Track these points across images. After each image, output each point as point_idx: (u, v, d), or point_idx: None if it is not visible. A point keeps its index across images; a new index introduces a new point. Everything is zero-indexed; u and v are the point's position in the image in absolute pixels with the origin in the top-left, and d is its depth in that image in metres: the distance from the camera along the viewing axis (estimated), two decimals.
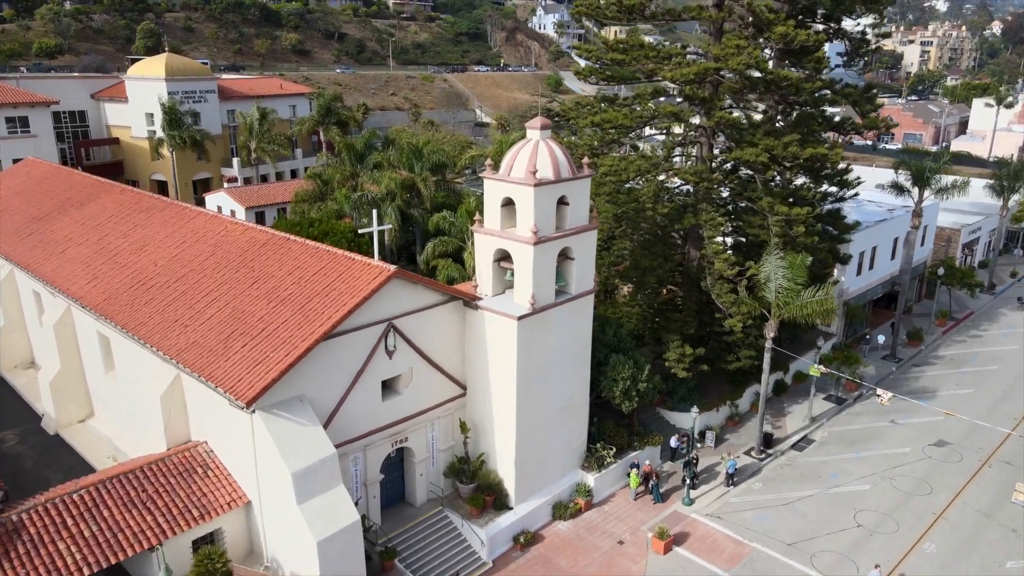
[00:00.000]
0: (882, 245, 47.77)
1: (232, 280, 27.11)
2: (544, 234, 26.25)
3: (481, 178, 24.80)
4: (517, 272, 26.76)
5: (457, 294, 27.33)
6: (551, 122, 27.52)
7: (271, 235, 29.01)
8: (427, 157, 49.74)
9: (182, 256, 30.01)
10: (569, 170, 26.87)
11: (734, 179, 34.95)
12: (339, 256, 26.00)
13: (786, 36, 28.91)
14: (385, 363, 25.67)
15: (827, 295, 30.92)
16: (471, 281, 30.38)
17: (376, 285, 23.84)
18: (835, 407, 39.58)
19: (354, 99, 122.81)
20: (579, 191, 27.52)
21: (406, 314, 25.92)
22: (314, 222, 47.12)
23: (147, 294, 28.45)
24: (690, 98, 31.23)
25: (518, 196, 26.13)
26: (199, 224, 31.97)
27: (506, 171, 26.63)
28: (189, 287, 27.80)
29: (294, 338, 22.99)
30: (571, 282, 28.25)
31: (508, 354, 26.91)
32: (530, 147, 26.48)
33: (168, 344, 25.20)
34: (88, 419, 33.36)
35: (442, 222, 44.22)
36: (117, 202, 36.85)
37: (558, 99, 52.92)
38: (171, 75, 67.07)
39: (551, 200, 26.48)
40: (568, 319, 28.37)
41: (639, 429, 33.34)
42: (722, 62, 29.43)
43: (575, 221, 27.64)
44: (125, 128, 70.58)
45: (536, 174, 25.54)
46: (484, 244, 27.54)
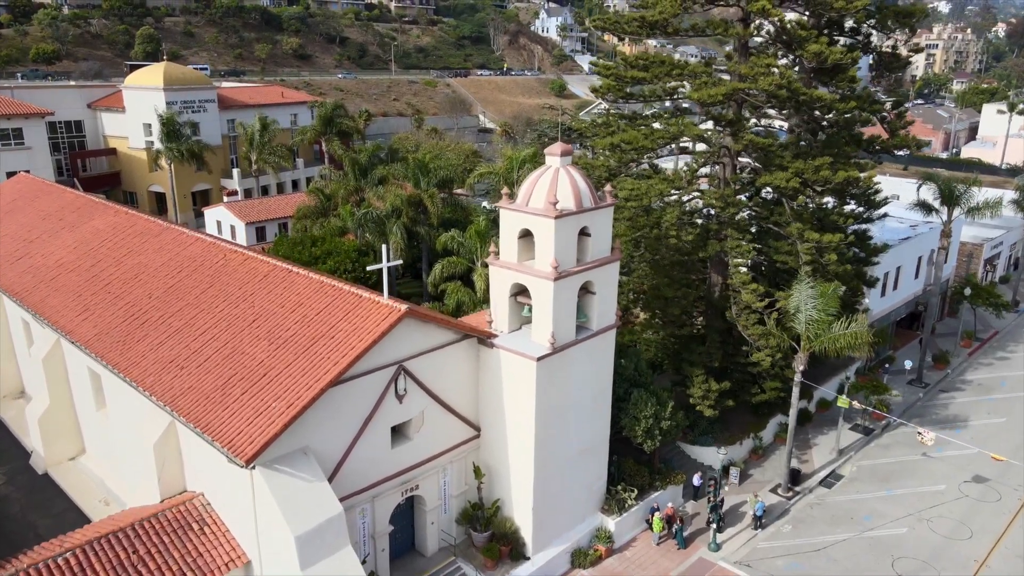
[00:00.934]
0: (906, 264, 46.03)
1: (231, 317, 25.36)
2: (565, 268, 24.52)
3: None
4: (536, 308, 25.02)
5: (471, 332, 25.59)
6: (570, 147, 25.68)
7: (272, 266, 27.24)
8: (434, 172, 48.01)
9: (178, 287, 28.26)
10: (591, 199, 25.14)
11: (758, 201, 33.19)
12: (345, 292, 24.26)
13: (820, 55, 27.18)
14: (395, 408, 23.94)
15: (861, 327, 29.14)
16: (484, 311, 28.72)
17: (386, 327, 22.11)
18: (863, 438, 37.82)
19: (356, 105, 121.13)
20: (601, 221, 25.78)
21: (417, 355, 24.20)
22: (317, 240, 45.40)
23: (141, 330, 26.70)
24: (717, 119, 29.46)
25: (537, 228, 24.39)
26: (196, 252, 30.22)
27: (524, 201, 24.89)
28: (185, 323, 26.05)
29: (297, 386, 21.24)
30: (592, 317, 26.51)
31: (526, 396, 25.17)
32: (550, 175, 24.74)
33: (162, 388, 23.45)
34: (79, 456, 31.63)
35: (450, 242, 42.55)
36: (111, 224, 35.09)
37: (569, 111, 51.10)
38: (169, 84, 65.40)
39: (572, 232, 24.75)
40: (589, 357, 26.63)
41: (660, 467, 31.56)
42: (751, 82, 27.67)
43: (597, 253, 25.91)
44: (122, 139, 68.92)
45: (557, 205, 23.80)
46: (500, 278, 25.80)
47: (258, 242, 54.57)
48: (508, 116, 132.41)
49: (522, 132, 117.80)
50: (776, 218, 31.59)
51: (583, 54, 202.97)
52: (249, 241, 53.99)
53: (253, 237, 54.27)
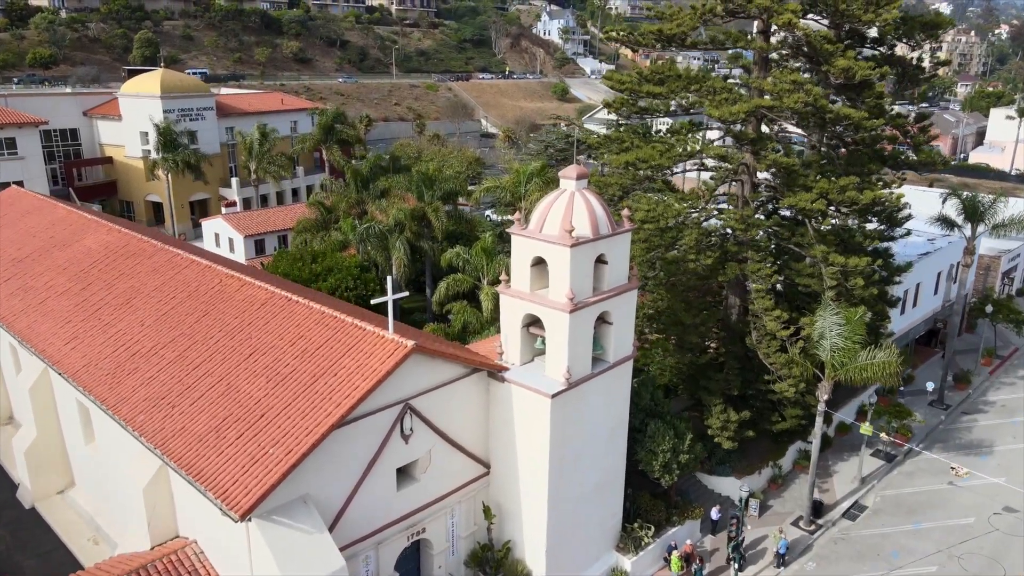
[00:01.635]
0: (926, 280, 44.60)
1: (227, 349, 23.93)
2: (581, 298, 23.10)
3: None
4: (550, 341, 23.59)
5: (482, 366, 24.15)
6: (586, 170, 24.24)
7: (270, 294, 25.80)
8: (438, 185, 46.62)
9: (171, 315, 26.83)
10: (608, 225, 23.72)
11: (778, 220, 31.74)
12: (348, 325, 22.82)
13: (848, 71, 25.74)
14: (401, 448, 22.50)
15: (890, 356, 27.70)
16: (493, 338, 27.39)
17: (391, 366, 20.68)
18: (885, 465, 36.37)
19: (356, 109, 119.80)
20: (619, 247, 24.37)
21: (424, 392, 22.77)
22: (317, 256, 43.94)
23: (131, 362, 25.27)
24: (738, 138, 28.03)
25: (552, 256, 22.97)
26: (191, 276, 28.79)
27: (537, 227, 23.46)
28: (178, 355, 24.62)
29: (297, 430, 19.81)
30: (608, 348, 25.08)
31: (539, 433, 23.73)
32: (565, 200, 23.32)
33: (153, 428, 22.01)
34: (68, 490, 30.21)
35: (455, 259, 41.14)
36: (103, 244, 33.67)
37: (576, 122, 49.70)
38: (166, 92, 64.02)
39: (588, 260, 23.33)
40: (605, 390, 25.20)
41: (677, 500, 30.13)
42: (776, 99, 26.23)
43: (614, 281, 24.49)
44: (119, 147, 67.54)
45: (572, 232, 22.37)
46: (512, 308, 24.38)
47: (257, 255, 53.16)
48: (510, 120, 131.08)
49: (525, 137, 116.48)
50: (798, 239, 30.15)
51: (585, 57, 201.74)
52: (248, 255, 52.58)
53: (252, 250, 52.85)
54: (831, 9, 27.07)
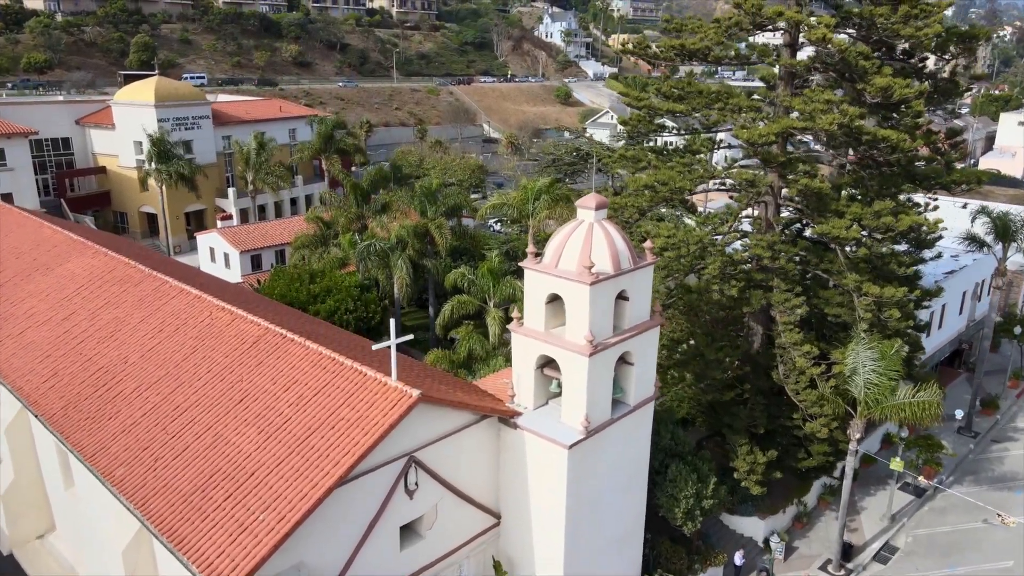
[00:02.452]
0: (951, 300, 42.67)
1: (215, 393, 22.03)
2: (601, 339, 21.21)
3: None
4: (566, 385, 21.68)
5: (493, 412, 22.25)
6: (605, 199, 22.32)
7: (263, 330, 23.89)
8: (442, 200, 44.78)
9: (157, 351, 24.94)
10: (630, 259, 21.82)
11: (805, 245, 29.82)
12: (346, 369, 20.93)
13: (888, 90, 23.82)
14: (404, 504, 20.60)
15: (933, 396, 25.80)
16: (503, 373, 25.57)
17: (395, 419, 18.78)
18: (915, 500, 34.45)
19: (357, 114, 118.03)
20: (641, 282, 22.47)
21: (430, 443, 20.87)
22: (316, 275, 42.06)
23: (113, 404, 23.38)
24: (766, 160, 26.13)
25: (569, 294, 21.07)
26: (179, 307, 26.89)
27: (553, 261, 21.56)
28: (163, 399, 22.73)
29: (290, 492, 17.92)
30: (629, 391, 23.18)
31: (555, 484, 21.83)
32: (583, 232, 21.41)
33: (133, 484, 20.12)
34: (48, 534, 28.32)
35: (460, 280, 39.28)
36: (88, 269, 31.78)
37: (583, 135, 47.75)
38: (161, 101, 62.12)
39: (609, 298, 21.43)
40: (625, 435, 23.30)
41: (699, 545, 28.22)
42: (808, 120, 24.31)
43: (636, 318, 22.59)
44: (112, 157, 65.66)
45: (592, 269, 20.47)
46: (525, 348, 22.47)
47: (254, 271, 51.27)
48: (513, 125, 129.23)
49: (528, 143, 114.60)
50: (826, 265, 28.25)
51: (587, 59, 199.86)
52: (244, 271, 50.68)
53: (248, 266, 50.95)
54: (866, 23, 25.17)
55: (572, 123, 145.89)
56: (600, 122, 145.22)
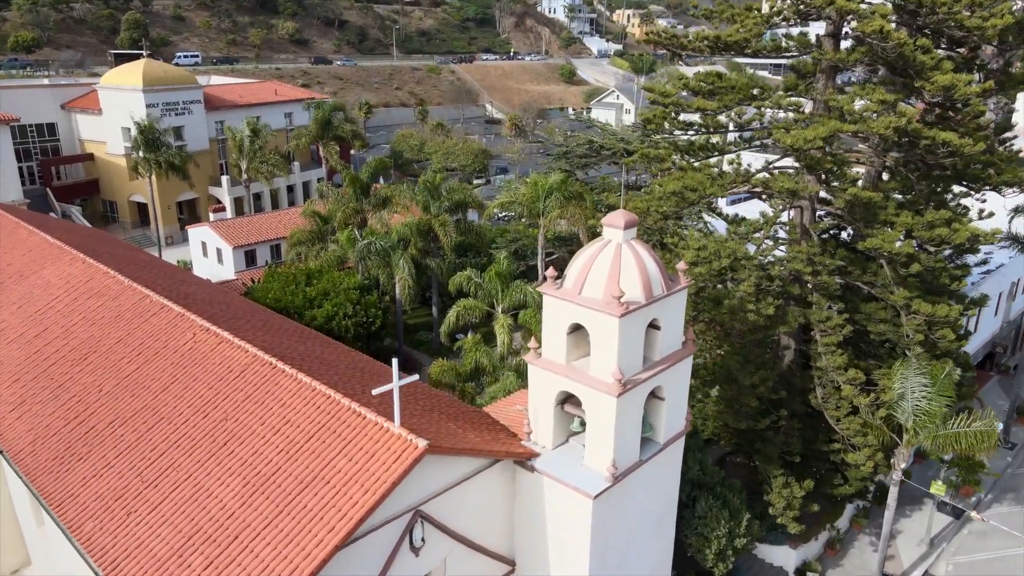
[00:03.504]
0: (988, 302, 40.17)
1: (197, 433, 19.69)
2: (631, 375, 18.80)
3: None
4: (591, 426, 19.30)
5: (509, 456, 19.90)
6: (635, 217, 19.76)
7: (252, 357, 21.48)
8: (446, 195, 42.20)
9: (135, 379, 22.57)
10: (662, 284, 19.32)
11: (846, 255, 27.26)
12: (343, 409, 18.56)
13: (950, 88, 21.15)
14: (410, 563, 18.31)
15: (989, 425, 23.44)
16: (517, 397, 23.29)
17: (398, 475, 16.44)
18: (953, 522, 32.26)
19: (356, 95, 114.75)
20: (674, 308, 20.00)
21: (438, 494, 18.55)
22: (312, 275, 39.59)
23: (84, 441, 21.06)
24: (811, 167, 23.49)
25: (595, 325, 18.61)
26: (160, 326, 24.48)
27: (575, 286, 19.06)
28: (140, 437, 20.40)
29: (278, 562, 15.63)
30: (660, 427, 20.82)
31: (578, 535, 19.54)
32: (610, 255, 18.89)
33: (103, 543, 17.85)
34: (23, 569, 26.20)
35: (466, 283, 36.83)
36: (64, 278, 29.32)
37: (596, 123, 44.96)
38: (149, 85, 59.18)
39: (640, 329, 18.98)
40: (655, 476, 21.00)
41: None
42: (859, 122, 21.65)
43: (667, 348, 20.16)
44: (100, 143, 62.86)
45: (622, 298, 17.99)
46: (543, 383, 20.05)
47: (248, 267, 48.82)
48: (517, 106, 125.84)
49: (532, 124, 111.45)
50: (870, 278, 25.73)
51: (591, 36, 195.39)
52: (237, 267, 48.21)
53: (242, 262, 48.48)
54: (926, 13, 22.40)
55: (576, 102, 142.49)
56: (605, 102, 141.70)
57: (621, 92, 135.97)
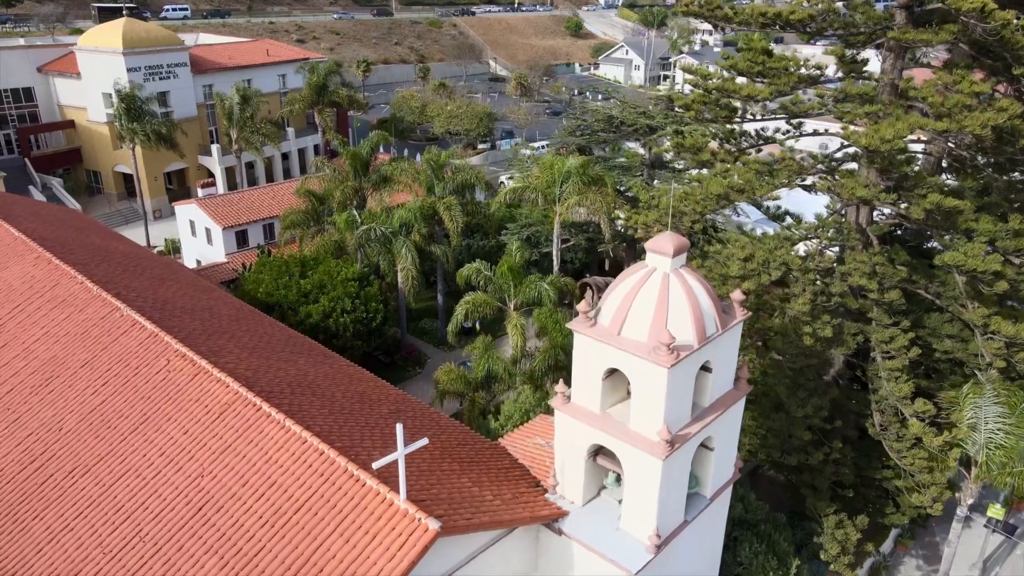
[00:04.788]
0: None
1: (168, 492, 16.86)
2: (678, 429, 15.88)
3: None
4: (630, 488, 16.44)
5: (532, 521, 17.08)
6: (686, 241, 16.48)
7: (234, 395, 18.54)
8: (450, 177, 38.78)
9: (100, 415, 19.67)
10: (716, 320, 16.24)
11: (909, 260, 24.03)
12: (339, 471, 15.71)
13: None
14: None
15: None
16: (540, 425, 20.56)
17: (405, 568, 13.63)
18: (1006, 542, 29.74)
19: (353, 51, 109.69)
20: (728, 347, 16.96)
21: (452, 572, 15.81)
22: (307, 264, 36.46)
23: (40, 494, 18.25)
24: (885, 170, 20.11)
25: (638, 375, 15.58)
26: (131, 347, 21.48)
27: (614, 324, 15.96)
28: (104, 492, 17.58)
29: None
30: (707, 480, 17.99)
31: None
32: (655, 289, 15.74)
33: None
34: None
35: (475, 276, 33.70)
36: (27, 280, 26.22)
37: (613, 95, 41.12)
38: (130, 47, 54.99)
39: (690, 376, 15.97)
40: (699, 533, 18.23)
41: None
42: (950, 120, 18.21)
43: (719, 389, 17.22)
44: (81, 110, 58.93)
45: (672, 344, 14.91)
46: (573, 434, 17.14)
47: (240, 249, 45.62)
48: (521, 62, 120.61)
49: (538, 82, 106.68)
50: (938, 288, 22.60)
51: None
52: (228, 248, 45.01)
53: (233, 244, 45.26)
54: None
55: (584, 58, 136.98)
56: (614, 57, 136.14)
57: (630, 47, 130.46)
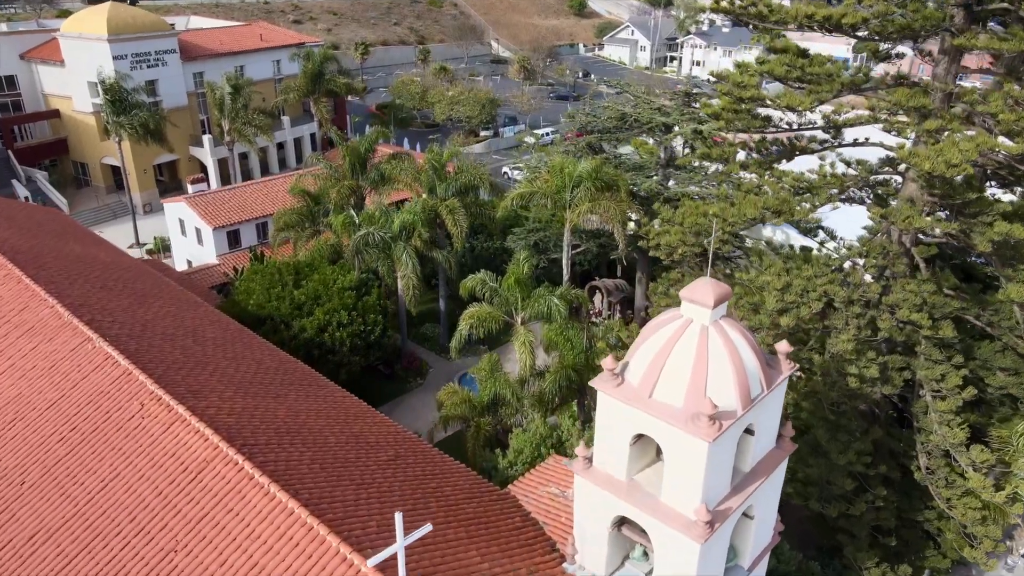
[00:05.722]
0: None
1: (138, 569, 14.93)
2: (717, 502, 13.89)
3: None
4: (661, 570, 14.45)
5: None
6: (728, 289, 14.31)
7: (213, 451, 16.57)
8: (453, 177, 36.58)
9: (68, 469, 17.75)
10: (761, 379, 14.16)
11: (957, 283, 21.92)
12: (330, 551, 13.76)
13: None
14: None
15: None
16: (554, 469, 18.68)
17: None
18: None
19: (352, 33, 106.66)
20: (772, 405, 14.90)
21: None
22: (301, 270, 34.37)
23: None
24: (947, 195, 17.91)
25: (673, 446, 13.55)
26: (103, 387, 19.50)
27: (645, 385, 13.89)
28: (67, 564, 15.68)
29: None
30: (746, 551, 16.00)
31: None
32: (692, 346, 13.65)
33: None
34: None
35: (479, 288, 31.63)
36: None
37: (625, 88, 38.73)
38: (115, 33, 52.33)
39: (732, 445, 13.93)
40: None
41: None
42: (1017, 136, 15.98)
43: (761, 451, 15.19)
44: (66, 99, 56.42)
45: (713, 414, 12.86)
46: (596, 503, 15.13)
47: (232, 249, 43.50)
48: (524, 43, 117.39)
49: (542, 65, 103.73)
50: (991, 317, 20.51)
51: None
52: (219, 249, 42.91)
53: (224, 244, 43.14)
54: None
55: (588, 38, 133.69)
56: (619, 38, 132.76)
57: (636, 27, 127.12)
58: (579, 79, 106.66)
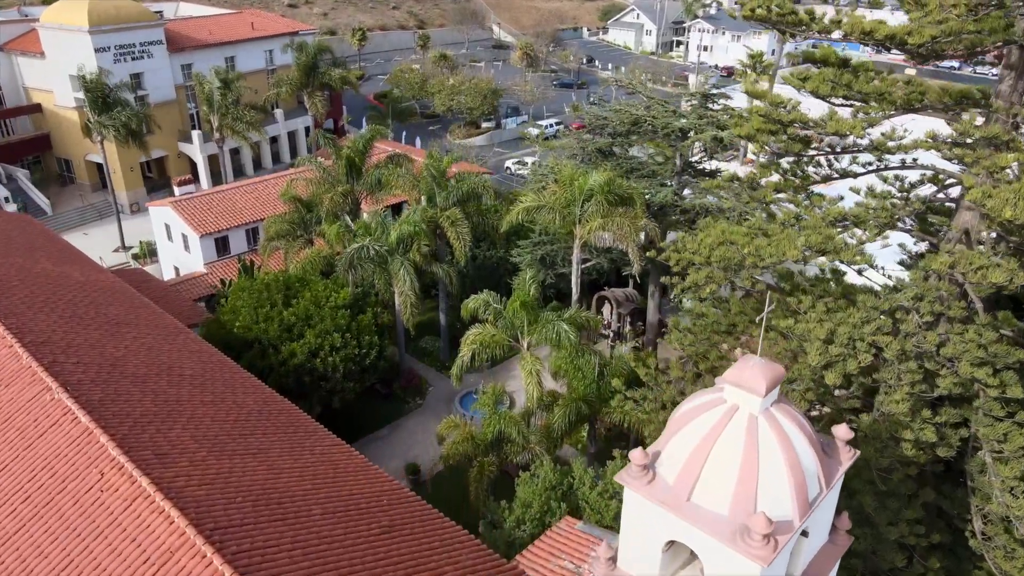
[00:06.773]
0: None
1: None
2: None
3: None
4: None
5: None
6: (781, 370, 12.04)
7: (179, 537, 14.47)
8: (454, 186, 34.26)
9: (16, 549, 15.75)
10: (820, 477, 11.98)
11: (1008, 316, 19.61)
12: None
13: None
14: None
15: None
16: (566, 533, 16.60)
17: None
18: None
19: (349, 17, 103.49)
20: (828, 502, 12.72)
21: None
22: (291, 285, 32.15)
23: None
24: (1015, 231, 15.61)
25: (717, 562, 11.38)
26: (60, 448, 17.40)
27: (681, 486, 11.71)
28: None
29: None
30: None
31: None
32: (740, 440, 11.44)
33: None
34: None
35: (482, 309, 29.48)
36: None
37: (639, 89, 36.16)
38: (97, 24, 49.68)
39: (786, 557, 11.77)
40: None
41: None
42: None
43: (814, 548, 13.05)
44: (47, 92, 53.86)
45: (768, 531, 10.67)
46: None
47: (220, 256, 41.26)
48: (527, 27, 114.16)
49: (545, 50, 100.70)
50: None
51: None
52: (207, 257, 40.67)
53: (212, 251, 40.89)
54: None
55: (592, 21, 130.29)
56: (624, 21, 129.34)
57: (641, 10, 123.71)
58: (583, 65, 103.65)
